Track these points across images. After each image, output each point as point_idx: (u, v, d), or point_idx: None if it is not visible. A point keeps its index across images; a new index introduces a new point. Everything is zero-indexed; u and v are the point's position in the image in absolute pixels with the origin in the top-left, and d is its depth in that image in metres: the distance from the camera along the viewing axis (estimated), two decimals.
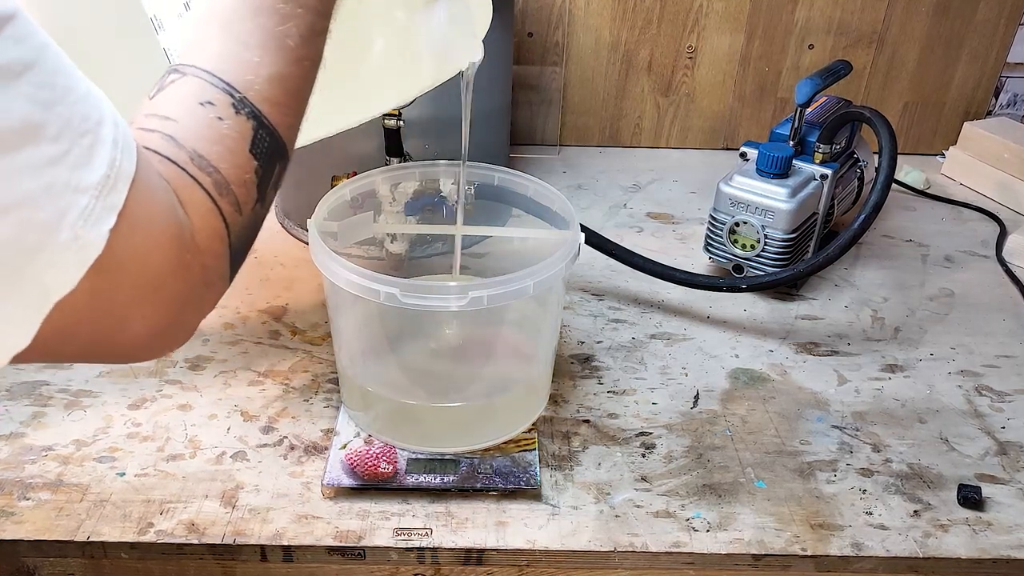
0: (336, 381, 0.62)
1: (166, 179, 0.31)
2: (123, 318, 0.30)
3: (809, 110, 0.77)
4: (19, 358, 0.29)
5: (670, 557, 0.50)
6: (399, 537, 0.50)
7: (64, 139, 0.27)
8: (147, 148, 0.31)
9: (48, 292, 0.27)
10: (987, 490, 0.55)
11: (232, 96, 0.34)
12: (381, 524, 0.51)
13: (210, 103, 0.33)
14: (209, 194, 0.32)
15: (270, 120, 0.35)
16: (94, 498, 0.51)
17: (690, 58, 1.01)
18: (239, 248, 0.35)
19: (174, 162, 0.32)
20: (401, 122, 0.70)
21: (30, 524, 0.49)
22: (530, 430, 0.57)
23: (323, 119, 0.46)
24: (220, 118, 0.33)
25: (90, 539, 0.49)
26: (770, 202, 0.71)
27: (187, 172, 0.32)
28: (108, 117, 0.29)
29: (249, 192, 0.34)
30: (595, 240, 0.71)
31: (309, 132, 0.56)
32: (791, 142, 0.75)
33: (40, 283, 0.27)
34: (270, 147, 0.35)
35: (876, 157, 0.68)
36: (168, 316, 0.32)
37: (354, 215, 0.60)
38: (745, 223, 0.73)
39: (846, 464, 0.57)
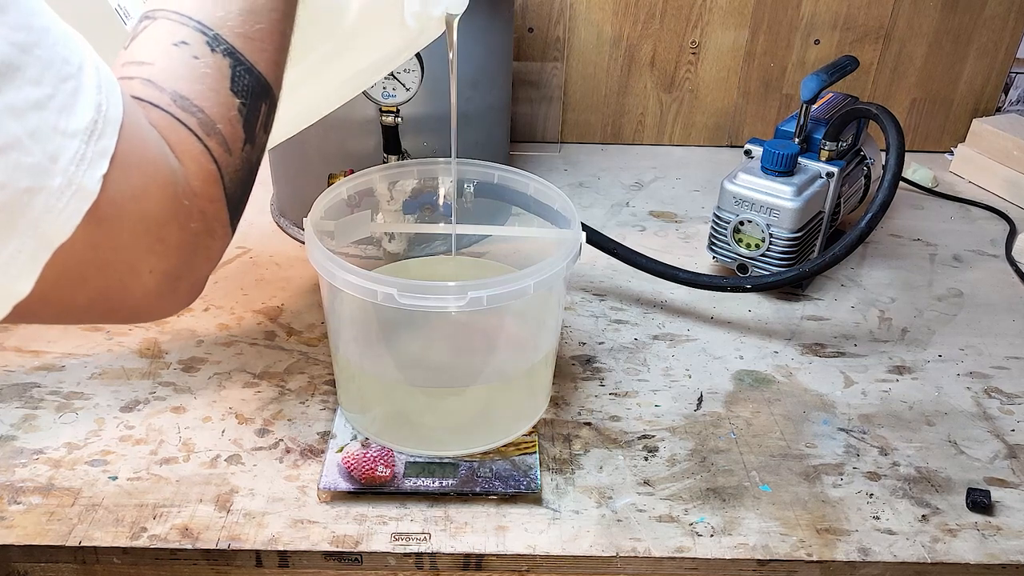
0: (333, 383, 0.61)
1: (152, 124, 0.31)
2: (129, 269, 0.30)
3: (815, 107, 0.76)
4: (31, 313, 0.29)
5: (673, 562, 0.49)
6: (397, 542, 0.49)
7: (46, 82, 0.27)
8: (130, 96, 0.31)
9: (47, 239, 0.27)
10: (996, 494, 0.54)
11: (205, 34, 0.33)
12: (379, 529, 0.50)
13: (184, 43, 0.33)
14: (196, 135, 0.32)
15: (247, 57, 0.34)
16: (86, 502, 0.51)
17: (693, 53, 0.99)
18: (235, 193, 0.34)
19: (156, 105, 0.31)
20: (399, 119, 0.69)
21: (21, 529, 0.49)
22: (530, 433, 0.57)
23: (314, 85, 0.45)
24: (196, 57, 0.33)
25: (82, 544, 0.48)
26: (775, 200, 0.70)
27: (171, 114, 0.31)
28: (89, 61, 0.28)
29: (236, 131, 0.33)
30: (597, 239, 0.70)
31: (303, 115, 0.55)
32: (797, 139, 0.74)
33: (38, 229, 0.27)
34: (251, 84, 0.34)
35: (883, 154, 0.67)
36: (175, 266, 0.32)
37: (351, 214, 0.59)
38: (750, 222, 0.72)
39: (853, 468, 0.56)
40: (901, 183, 0.92)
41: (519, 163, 0.98)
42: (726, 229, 0.74)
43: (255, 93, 0.34)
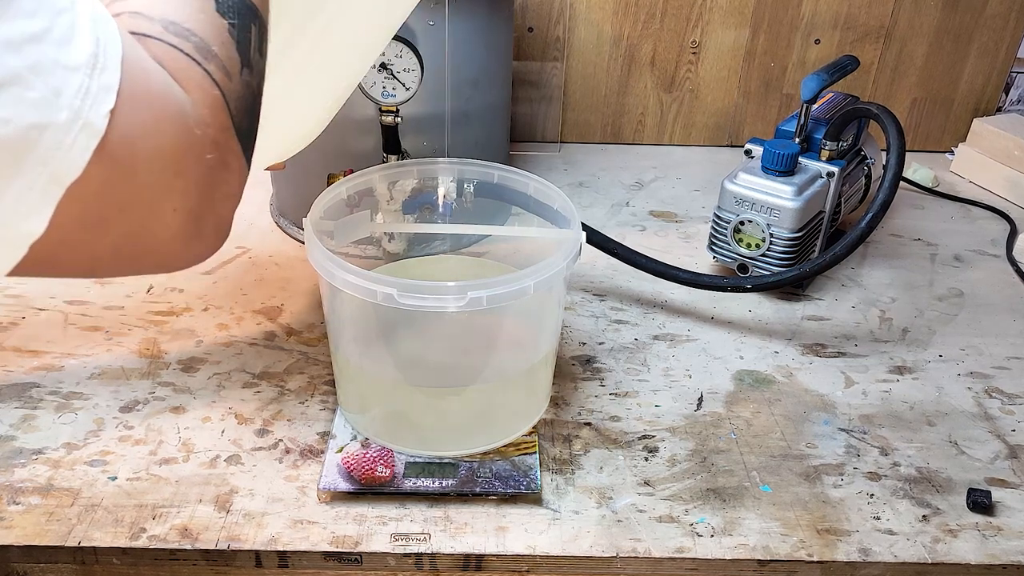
0: (332, 383, 0.61)
1: (151, 55, 0.30)
2: (151, 208, 0.30)
3: (815, 106, 0.76)
4: (56, 263, 0.29)
5: (673, 563, 0.49)
6: (396, 542, 0.49)
7: (41, 15, 0.26)
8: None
9: (57, 175, 0.27)
10: (997, 494, 0.54)
11: None
12: (378, 529, 0.50)
13: None
14: (194, 59, 0.31)
15: None
16: (85, 503, 0.50)
17: (694, 53, 0.99)
18: (242, 122, 0.34)
19: (150, 36, 0.31)
20: (399, 119, 0.69)
21: (20, 529, 0.48)
22: (530, 433, 0.57)
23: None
24: None
25: (81, 544, 0.48)
26: (776, 200, 0.70)
27: (166, 42, 0.31)
28: None
29: (231, 54, 0.33)
30: (597, 239, 0.69)
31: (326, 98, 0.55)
32: (797, 139, 0.74)
33: (47, 166, 0.26)
34: (235, 4, 0.34)
35: (884, 154, 0.67)
36: (196, 203, 0.31)
37: (351, 213, 0.59)
38: (750, 222, 0.72)
39: (853, 468, 0.56)
40: (902, 183, 0.91)
41: (519, 163, 0.98)
42: (726, 229, 0.73)
43: (242, 13, 0.34)
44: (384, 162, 0.71)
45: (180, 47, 0.31)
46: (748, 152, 0.75)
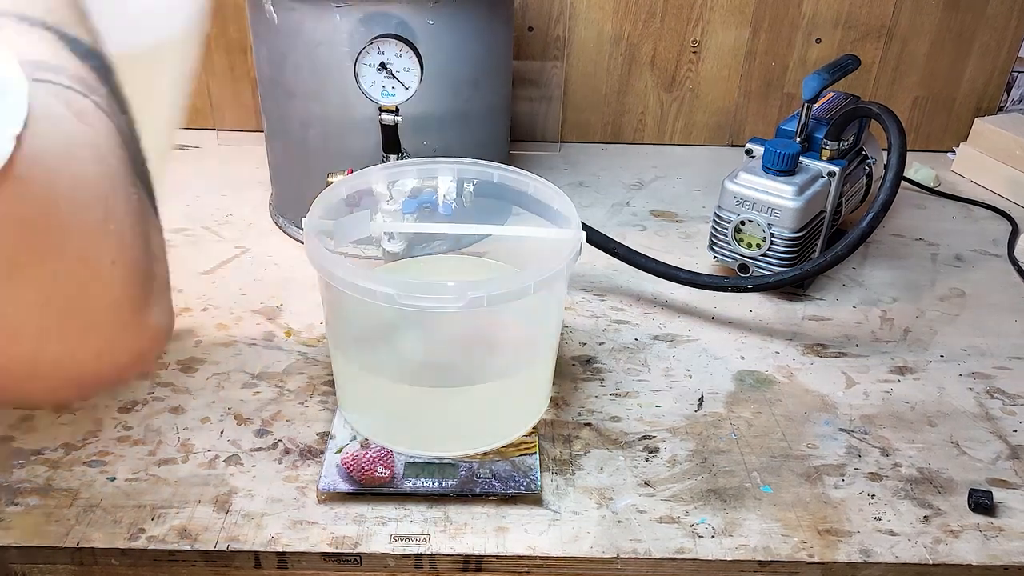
0: (332, 383, 0.61)
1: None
2: (83, 258, 0.25)
3: (816, 106, 0.76)
4: None
5: (674, 563, 0.49)
6: (396, 543, 0.49)
7: None
8: None
9: None
10: (998, 495, 0.54)
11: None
12: (378, 530, 0.50)
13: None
14: (79, 92, 0.28)
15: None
16: (84, 503, 0.50)
17: (694, 52, 0.99)
18: (138, 160, 0.29)
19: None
20: (398, 119, 0.69)
21: (18, 530, 0.48)
22: (530, 433, 0.56)
23: None
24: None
25: (80, 545, 0.48)
26: (776, 200, 0.70)
27: (45, 80, 0.27)
28: None
29: (103, 92, 0.29)
30: (597, 239, 0.69)
31: None
32: (798, 139, 0.74)
33: None
34: (87, 52, 0.30)
35: (885, 154, 0.67)
36: (137, 253, 0.27)
37: (350, 213, 0.59)
38: (751, 221, 0.72)
39: (854, 468, 0.56)
40: (903, 182, 0.91)
41: (519, 162, 0.98)
42: (727, 229, 0.73)
43: (96, 62, 0.30)
44: (384, 162, 0.71)
45: (59, 82, 0.27)
46: (749, 152, 0.75)
